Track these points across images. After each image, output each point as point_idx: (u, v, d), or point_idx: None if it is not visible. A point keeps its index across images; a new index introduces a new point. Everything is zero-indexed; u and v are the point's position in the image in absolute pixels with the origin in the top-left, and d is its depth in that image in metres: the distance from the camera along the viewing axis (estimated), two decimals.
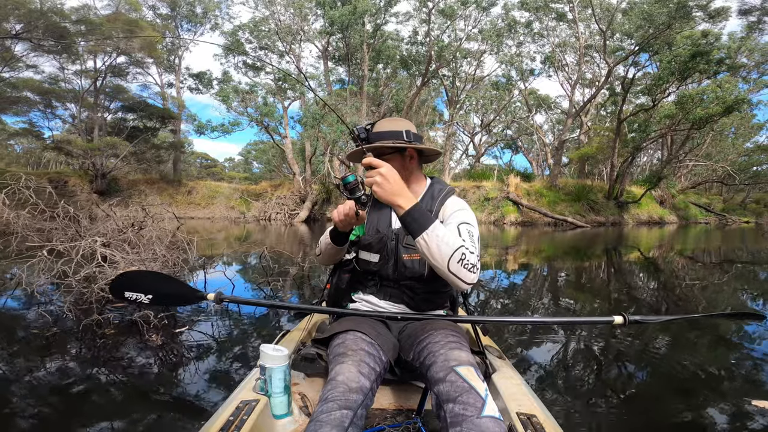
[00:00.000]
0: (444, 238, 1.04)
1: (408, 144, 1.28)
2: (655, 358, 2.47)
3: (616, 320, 1.22)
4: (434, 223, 1.05)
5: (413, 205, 1.06)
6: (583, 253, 8.22)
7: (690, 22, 16.70)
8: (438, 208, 1.28)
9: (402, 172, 1.25)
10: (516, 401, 1.09)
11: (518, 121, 31.77)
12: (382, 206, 1.39)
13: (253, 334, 2.57)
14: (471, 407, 0.86)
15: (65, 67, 17.91)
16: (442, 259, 1.03)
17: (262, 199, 20.60)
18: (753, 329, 3.05)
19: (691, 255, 7.74)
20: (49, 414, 1.61)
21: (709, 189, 32.38)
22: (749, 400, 1.88)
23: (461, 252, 1.04)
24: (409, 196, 1.08)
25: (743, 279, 5.43)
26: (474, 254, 1.08)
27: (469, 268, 1.05)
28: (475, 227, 1.21)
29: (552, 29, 23.33)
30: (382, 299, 1.32)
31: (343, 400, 0.90)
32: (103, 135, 19.15)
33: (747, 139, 32.44)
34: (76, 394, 1.77)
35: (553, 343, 2.69)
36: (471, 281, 1.07)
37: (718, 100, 16.91)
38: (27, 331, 2.53)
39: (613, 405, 1.88)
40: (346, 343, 1.10)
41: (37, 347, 2.28)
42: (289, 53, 21.22)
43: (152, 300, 1.54)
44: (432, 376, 1.00)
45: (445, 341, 1.09)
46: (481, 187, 19.94)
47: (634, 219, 20.56)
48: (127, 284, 1.56)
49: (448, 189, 1.36)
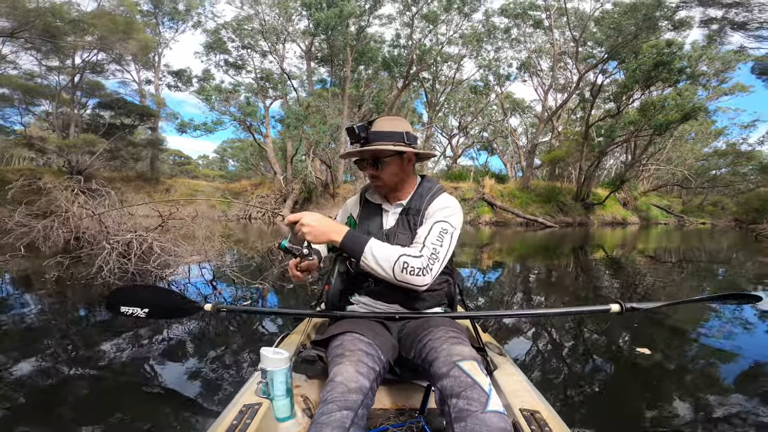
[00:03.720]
0: (381, 254, 1.13)
1: (408, 147, 1.30)
2: (654, 348, 2.50)
3: (613, 308, 1.24)
4: (368, 243, 1.14)
5: (344, 235, 1.15)
6: (554, 252, 8.73)
7: (656, 32, 17.64)
8: (425, 207, 1.31)
9: (399, 174, 1.34)
10: (518, 397, 1.10)
11: (494, 124, 32.69)
12: (372, 207, 1.43)
13: (252, 338, 2.56)
14: (475, 402, 0.87)
15: (43, 63, 17.52)
16: (386, 273, 1.12)
17: (243, 198, 20.69)
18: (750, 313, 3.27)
19: (652, 254, 8.23)
20: (30, 415, 1.63)
21: (670, 191, 34.00)
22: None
23: (402, 261, 1.11)
24: (339, 229, 1.17)
25: (700, 274, 5.91)
26: (422, 258, 1.13)
27: (416, 273, 1.11)
28: (451, 225, 1.23)
29: (529, 35, 24.12)
30: (378, 300, 1.33)
31: (342, 401, 0.90)
32: (79, 132, 18.82)
33: (706, 144, 34.06)
34: (68, 396, 1.77)
35: (551, 338, 2.74)
36: (421, 284, 1.13)
37: (677, 108, 17.87)
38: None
39: (614, 398, 1.91)
40: (344, 344, 1.11)
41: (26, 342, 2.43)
42: (273, 53, 21.33)
43: (149, 313, 1.55)
44: (435, 372, 1.00)
45: (446, 337, 1.10)
46: (458, 187, 20.67)
47: (599, 220, 21.63)
48: (123, 299, 1.59)
49: (436, 188, 1.37)
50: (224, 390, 1.85)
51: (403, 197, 1.38)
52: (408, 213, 1.33)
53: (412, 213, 1.32)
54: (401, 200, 1.38)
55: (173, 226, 4.40)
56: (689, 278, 5.53)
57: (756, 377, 2.17)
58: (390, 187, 1.36)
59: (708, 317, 3.33)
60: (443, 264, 1.18)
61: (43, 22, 12.49)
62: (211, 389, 1.87)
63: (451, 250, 1.21)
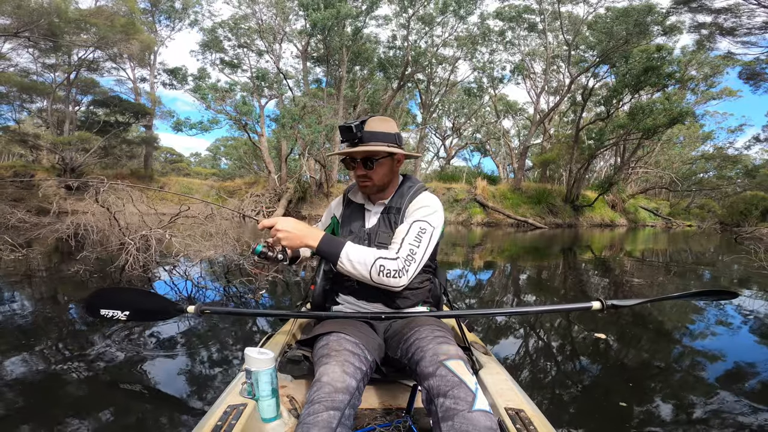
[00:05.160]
0: (357, 257, 1.13)
1: (400, 149, 1.33)
2: (632, 346, 2.59)
3: (594, 306, 1.26)
4: (344, 247, 1.14)
5: (320, 240, 1.15)
6: (543, 253, 9.03)
7: (647, 37, 18.00)
8: (405, 205, 1.32)
9: (389, 175, 1.35)
10: (503, 396, 1.11)
11: (487, 126, 33.00)
12: (355, 207, 1.44)
13: (236, 337, 2.52)
14: (462, 401, 0.87)
15: (39, 61, 17.49)
16: (363, 276, 1.14)
17: (237, 197, 20.77)
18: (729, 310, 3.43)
19: (639, 256, 8.57)
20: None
21: (658, 194, 34.69)
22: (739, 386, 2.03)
23: (378, 264, 1.12)
24: (315, 233, 1.16)
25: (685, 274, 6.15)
26: (398, 260, 1.14)
27: (392, 275, 1.12)
28: (430, 225, 1.23)
29: (523, 38, 24.39)
30: (360, 299, 1.33)
31: (329, 401, 0.90)
32: (74, 129, 18.80)
33: (694, 147, 34.65)
34: (49, 395, 1.76)
35: (536, 338, 2.82)
36: (397, 285, 1.14)
37: (665, 112, 18.23)
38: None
39: (596, 396, 1.96)
40: (330, 344, 1.10)
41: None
42: (270, 52, 21.42)
43: (129, 316, 1.52)
44: (421, 371, 1.00)
45: (432, 336, 1.10)
46: (451, 188, 20.94)
47: (588, 221, 22.02)
48: (102, 302, 1.54)
49: (417, 186, 1.37)
50: (209, 390, 1.83)
51: (386, 197, 1.39)
52: (389, 212, 1.34)
53: (392, 212, 1.33)
54: (384, 200, 1.39)
55: (181, 223, 4.63)
56: (673, 279, 5.77)
57: (737, 375, 2.27)
58: (378, 188, 1.37)
59: (691, 317, 3.44)
60: (420, 264, 1.19)
61: (47, 21, 12.54)
62: (197, 389, 1.85)
63: (429, 250, 1.22)
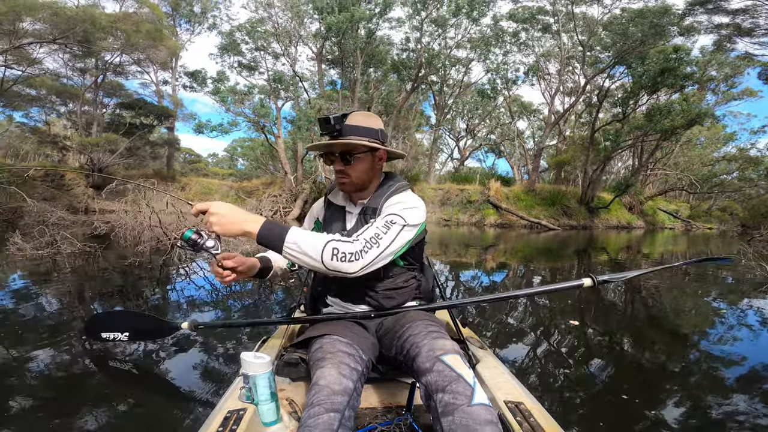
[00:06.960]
0: (306, 242, 1.02)
1: (382, 145, 1.28)
2: (627, 332, 2.61)
3: (585, 283, 1.26)
4: (289, 231, 1.03)
5: (261, 225, 1.04)
6: (556, 254, 9.01)
7: (664, 38, 17.79)
8: (381, 204, 1.26)
9: (368, 172, 1.28)
10: (502, 390, 1.11)
11: (501, 127, 32.86)
12: (335, 209, 1.38)
13: (231, 342, 2.48)
14: (461, 396, 0.87)
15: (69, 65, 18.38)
16: (314, 261, 1.03)
17: (255, 197, 21.33)
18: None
19: (658, 258, 8.52)
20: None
21: (678, 196, 34.04)
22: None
23: (331, 247, 1.02)
24: (253, 218, 1.05)
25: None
26: (356, 242, 1.06)
27: (347, 259, 1.03)
28: (403, 219, 1.15)
29: (537, 39, 24.21)
30: (347, 301, 1.31)
31: (328, 404, 0.89)
32: (100, 131, 19.64)
33: (716, 148, 33.74)
34: (41, 402, 1.68)
35: (533, 331, 2.81)
36: (353, 270, 1.04)
37: (683, 113, 17.93)
38: None
39: (595, 387, 1.96)
40: (323, 347, 1.09)
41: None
42: (285, 55, 21.91)
43: (130, 337, 1.59)
44: (418, 367, 0.99)
45: (426, 331, 1.08)
46: (465, 190, 21.06)
47: (604, 224, 21.80)
48: (101, 326, 1.62)
49: (398, 185, 1.31)
50: (206, 396, 1.79)
51: (366, 197, 1.34)
52: (366, 212, 1.29)
53: (369, 212, 1.28)
54: (364, 200, 1.34)
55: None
56: (689, 283, 5.52)
57: (740, 371, 2.27)
58: (356, 186, 1.31)
59: (691, 315, 3.42)
60: (386, 253, 1.10)
61: (82, 29, 13.24)
62: (193, 395, 1.81)
63: (399, 242, 1.13)
